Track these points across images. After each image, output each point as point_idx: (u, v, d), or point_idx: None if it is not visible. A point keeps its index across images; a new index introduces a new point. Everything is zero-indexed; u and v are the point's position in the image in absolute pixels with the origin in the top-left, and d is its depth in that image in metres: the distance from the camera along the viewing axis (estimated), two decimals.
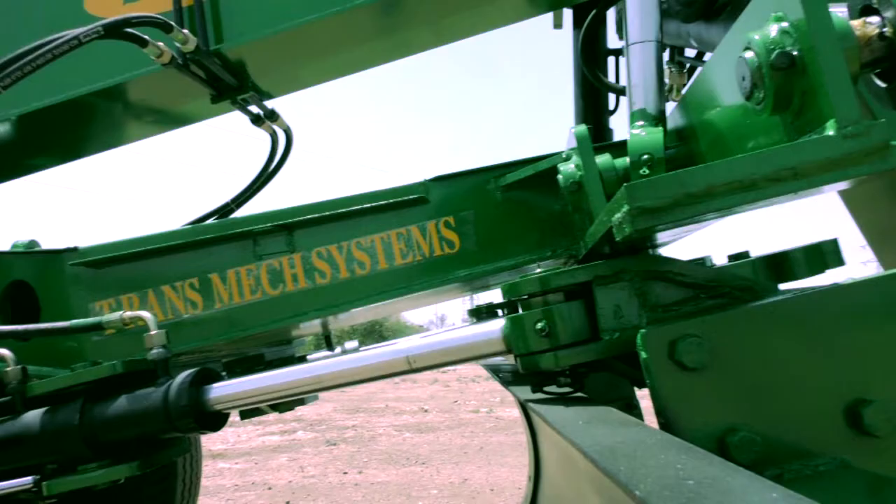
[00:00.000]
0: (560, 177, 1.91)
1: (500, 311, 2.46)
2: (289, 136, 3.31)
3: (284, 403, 2.64)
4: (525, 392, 1.80)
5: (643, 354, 1.26)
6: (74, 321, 2.06)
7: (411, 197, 2.31)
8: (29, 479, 1.92)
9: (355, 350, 2.32)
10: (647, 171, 1.69)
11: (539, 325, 1.48)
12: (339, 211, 2.32)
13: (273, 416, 3.49)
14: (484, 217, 2.30)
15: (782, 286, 1.48)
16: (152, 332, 1.94)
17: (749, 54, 1.19)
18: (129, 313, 2.01)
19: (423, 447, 8.93)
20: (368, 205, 2.32)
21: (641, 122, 1.78)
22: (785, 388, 1.22)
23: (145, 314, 1.98)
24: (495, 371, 2.72)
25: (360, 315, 2.83)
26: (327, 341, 3.26)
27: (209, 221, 3.11)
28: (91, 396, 1.89)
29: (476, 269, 2.28)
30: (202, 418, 1.81)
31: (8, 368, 1.98)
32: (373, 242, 2.31)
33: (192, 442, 3.85)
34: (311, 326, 2.76)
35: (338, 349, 2.88)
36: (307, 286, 2.33)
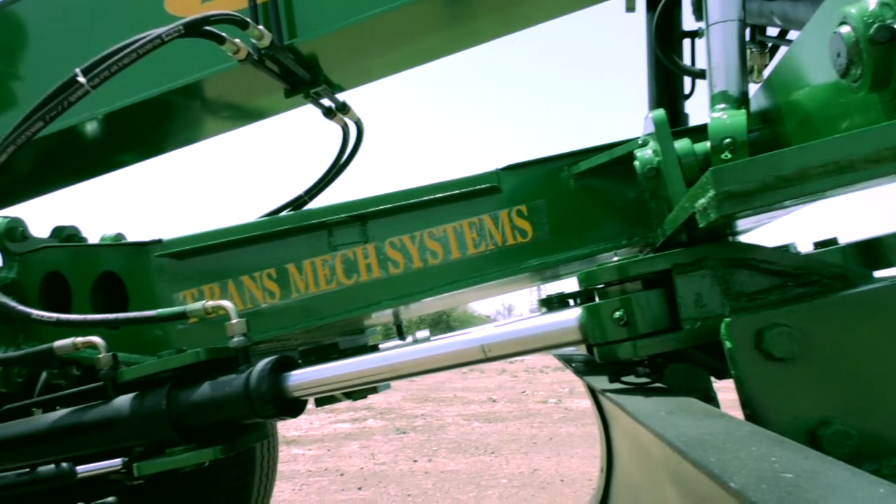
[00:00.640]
0: (637, 163, 1.86)
1: (571, 301, 2.44)
2: (360, 129, 3.34)
3: (358, 391, 2.69)
4: (600, 382, 1.77)
5: (728, 344, 1.23)
6: (160, 310, 2.15)
7: (483, 186, 2.30)
8: (118, 460, 2.02)
9: (426, 339, 2.34)
10: (730, 156, 1.63)
11: (617, 315, 1.46)
12: (412, 201, 2.33)
13: (344, 403, 3.56)
14: (557, 205, 2.27)
15: (877, 274, 1.41)
16: (233, 321, 2.00)
17: (845, 29, 1.13)
18: (211, 303, 2.07)
19: (491, 437, 8.94)
20: (441, 195, 2.32)
21: (723, 105, 1.72)
22: (882, 380, 1.17)
23: (226, 304, 2.04)
24: (568, 361, 2.69)
25: (432, 305, 2.85)
26: (398, 330, 3.30)
27: (284, 213, 3.18)
28: (177, 382, 1.96)
29: (549, 258, 2.26)
30: (282, 404, 1.85)
31: (100, 355, 2.09)
32: (445, 232, 2.31)
33: (270, 428, 3.96)
34: (384, 315, 2.79)
35: (409, 338, 2.91)
36: (381, 276, 2.35)
